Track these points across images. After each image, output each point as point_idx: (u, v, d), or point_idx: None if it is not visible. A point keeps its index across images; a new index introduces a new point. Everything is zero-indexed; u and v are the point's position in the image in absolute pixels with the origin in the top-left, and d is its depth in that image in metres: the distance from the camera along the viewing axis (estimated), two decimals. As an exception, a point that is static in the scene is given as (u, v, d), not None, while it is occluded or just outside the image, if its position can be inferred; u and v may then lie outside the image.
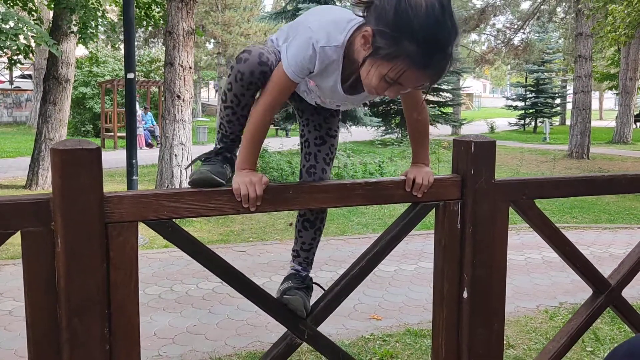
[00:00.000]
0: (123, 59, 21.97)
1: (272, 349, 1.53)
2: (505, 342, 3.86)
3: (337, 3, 19.37)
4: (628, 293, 2.06)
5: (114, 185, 9.99)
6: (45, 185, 10.20)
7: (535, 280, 5.54)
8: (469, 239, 1.61)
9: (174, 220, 1.34)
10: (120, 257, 1.28)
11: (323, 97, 1.54)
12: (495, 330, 1.65)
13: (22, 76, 29.76)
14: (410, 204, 1.61)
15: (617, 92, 24.91)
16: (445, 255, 1.61)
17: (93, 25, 10.04)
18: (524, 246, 6.67)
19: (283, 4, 20.19)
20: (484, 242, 1.62)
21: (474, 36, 34.62)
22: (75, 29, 10.04)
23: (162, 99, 19.83)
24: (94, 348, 1.25)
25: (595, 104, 29.36)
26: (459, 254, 1.61)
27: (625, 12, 12.08)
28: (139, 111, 17.78)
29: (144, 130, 18.52)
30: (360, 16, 1.34)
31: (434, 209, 1.62)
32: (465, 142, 1.60)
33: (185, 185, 7.93)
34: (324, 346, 1.55)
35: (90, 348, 1.25)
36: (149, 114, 20.06)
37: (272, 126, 23.12)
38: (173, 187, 8.05)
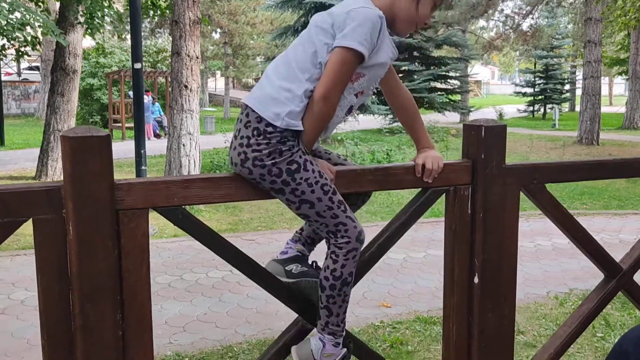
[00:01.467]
0: (130, 50, 21.93)
1: (283, 334, 1.54)
2: (515, 328, 3.86)
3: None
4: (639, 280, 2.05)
5: (122, 175, 10.04)
6: (54, 176, 10.26)
7: (545, 267, 5.53)
8: (479, 224, 1.60)
9: (184, 207, 1.34)
10: (131, 243, 1.28)
11: (368, 85, 1.55)
12: (506, 315, 1.65)
13: (30, 68, 29.86)
14: (420, 189, 1.60)
15: (627, 77, 24.64)
16: (456, 240, 1.60)
17: (100, 15, 10.03)
18: (533, 233, 6.64)
19: (289, -8, 20.09)
20: (494, 227, 1.61)
21: (482, 22, 34.36)
22: (82, 19, 10.04)
23: (170, 89, 19.88)
24: (106, 334, 1.26)
25: (605, 90, 29.12)
26: (469, 239, 1.61)
27: (636, -5, 11.94)
28: (147, 101, 17.82)
29: (152, 120, 18.55)
30: None
31: (444, 194, 1.61)
32: (475, 126, 1.59)
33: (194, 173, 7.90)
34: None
35: (103, 334, 1.26)
36: (157, 104, 20.08)
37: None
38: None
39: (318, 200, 1.44)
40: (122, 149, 14.01)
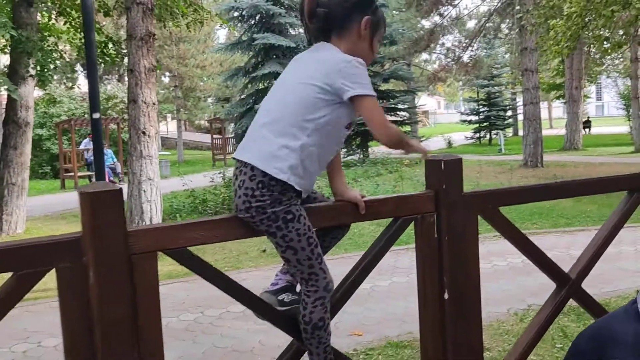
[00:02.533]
0: (77, 98, 21.58)
1: (281, 356, 1.69)
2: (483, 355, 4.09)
3: (288, 29, 19.79)
4: (590, 292, 2.31)
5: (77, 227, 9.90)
6: (10, 230, 10.03)
7: (503, 286, 5.80)
8: (445, 246, 1.82)
9: (188, 248, 1.51)
10: (144, 284, 1.43)
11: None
12: (474, 324, 1.85)
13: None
14: (392, 219, 1.82)
15: (565, 100, 26.00)
16: (426, 262, 1.81)
17: (51, 67, 10.05)
18: (490, 254, 6.95)
19: (237, 35, 20.52)
20: (458, 248, 1.83)
21: (425, 55, 35.72)
22: (33, 72, 10.03)
23: (122, 135, 19.74)
24: (126, 368, 1.40)
25: (544, 114, 30.53)
26: (438, 260, 1.82)
27: (566, 26, 12.78)
28: (90, 147, 17.65)
29: (106, 167, 18.33)
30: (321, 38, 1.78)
31: (413, 221, 1.83)
32: (435, 160, 1.82)
33: (155, 220, 7.93)
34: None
35: (123, 369, 1.39)
36: (109, 151, 19.90)
37: (234, 155, 23.23)
38: (144, 222, 8.09)
39: (301, 249, 1.65)
40: (76, 198, 13.80)
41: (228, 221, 1.56)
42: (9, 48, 10.07)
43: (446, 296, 1.82)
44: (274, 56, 18.87)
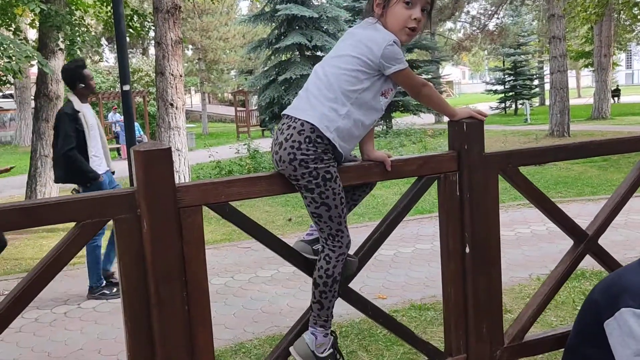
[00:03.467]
0: (103, 72, 21.83)
1: (305, 313, 1.84)
2: (503, 308, 4.21)
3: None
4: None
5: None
6: (44, 200, 10.38)
7: (526, 253, 5.89)
8: (467, 203, 1.93)
9: (230, 202, 1.65)
10: (191, 234, 1.58)
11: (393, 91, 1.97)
12: (494, 277, 1.98)
13: (4, 96, 29.68)
14: (416, 177, 1.93)
15: (593, 69, 25.47)
16: (449, 218, 1.93)
17: (79, 40, 10.25)
18: (513, 222, 7.03)
19: (259, 6, 20.48)
20: (479, 205, 1.94)
21: (449, 24, 35.12)
22: (62, 45, 10.24)
23: (148, 109, 20.03)
24: (176, 309, 1.56)
25: (572, 83, 30.00)
26: (459, 216, 1.94)
27: (594, -9, 12.53)
28: (120, 119, 17.99)
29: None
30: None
31: (436, 180, 1.94)
32: (458, 122, 1.92)
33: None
34: (355, 300, 1.87)
35: (174, 309, 1.55)
36: (136, 123, 20.21)
37: (259, 127, 23.27)
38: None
39: (334, 207, 1.80)
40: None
41: (267, 178, 1.70)
42: (38, 22, 10.28)
43: (467, 250, 1.94)
44: (297, 27, 18.82)
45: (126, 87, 6.79)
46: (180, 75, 8.46)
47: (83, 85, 5.07)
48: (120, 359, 3.90)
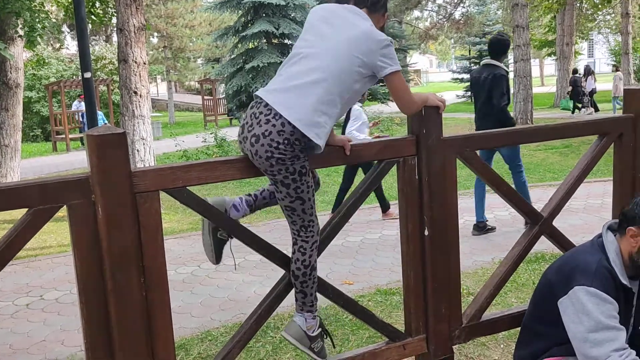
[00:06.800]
0: (65, 60, 21.26)
1: (273, 288, 1.85)
2: (465, 291, 4.29)
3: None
4: (573, 240, 2.46)
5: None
6: (5, 191, 10.11)
7: (489, 238, 6.01)
8: (425, 187, 1.96)
9: (187, 187, 1.64)
10: (147, 220, 1.57)
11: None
12: (452, 259, 2.01)
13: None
14: (376, 161, 1.95)
15: (556, 57, 25.96)
16: (408, 201, 1.95)
17: (39, 27, 9.97)
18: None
19: (226, -7, 20.18)
20: (438, 188, 1.97)
21: (416, 13, 35.28)
22: (21, 32, 9.94)
23: (112, 97, 19.64)
24: (133, 294, 1.55)
25: (536, 71, 30.50)
26: (418, 199, 1.96)
27: (556, -19, 12.74)
28: (83, 107, 17.62)
29: (97, 129, 18.27)
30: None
31: (395, 164, 1.96)
32: (416, 107, 1.94)
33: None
34: (318, 284, 1.88)
35: (131, 294, 1.54)
36: (100, 112, 19.81)
37: (226, 116, 23.07)
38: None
39: (308, 200, 1.82)
40: (67, 160, 13.87)
41: (226, 163, 1.69)
42: (-4, 8, 9.96)
43: (426, 233, 1.97)
44: (264, 15, 18.65)
45: (87, 75, 6.64)
46: (144, 63, 8.31)
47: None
48: (84, 350, 3.86)
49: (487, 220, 6.21)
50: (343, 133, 6.68)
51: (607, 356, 1.80)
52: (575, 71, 20.69)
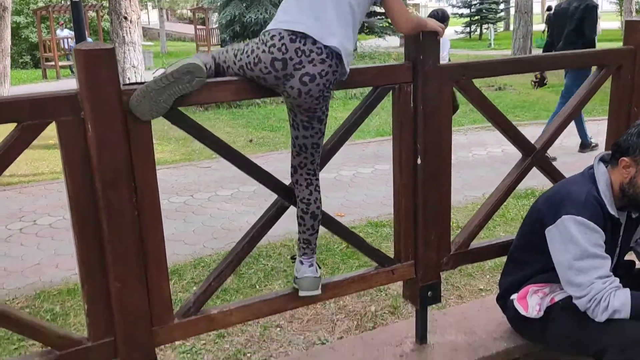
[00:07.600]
0: (56, -17, 20.44)
1: (264, 213, 1.86)
2: (455, 224, 4.35)
3: None
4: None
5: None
6: (-5, 118, 10.00)
7: (480, 173, 6.05)
8: (421, 115, 1.94)
9: (179, 109, 1.61)
10: (138, 140, 1.55)
11: None
12: (444, 189, 2.02)
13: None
14: (371, 88, 1.92)
15: (558, -6, 25.28)
16: (402, 129, 1.94)
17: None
18: (470, 145, 7.16)
19: None
20: (433, 117, 1.95)
21: (417, -57, 33.99)
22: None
23: (102, 24, 19.11)
24: (126, 213, 1.55)
25: (537, 8, 29.81)
26: (412, 127, 1.95)
27: None
28: (68, 35, 17.21)
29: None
30: None
31: (391, 91, 1.93)
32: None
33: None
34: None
35: (123, 213, 1.55)
36: (89, 39, 19.35)
37: (219, 47, 22.55)
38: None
39: (323, 136, 1.79)
40: (58, 87, 13.63)
41: (222, 84, 1.65)
42: None
43: (419, 162, 1.97)
44: (260, -61, 17.91)
45: (76, -2, 6.42)
46: (135, -13, 8.04)
47: None
48: (77, 267, 3.93)
49: (591, 138, 6.60)
50: None
51: (590, 283, 1.84)
52: (549, 9, 19.28)
